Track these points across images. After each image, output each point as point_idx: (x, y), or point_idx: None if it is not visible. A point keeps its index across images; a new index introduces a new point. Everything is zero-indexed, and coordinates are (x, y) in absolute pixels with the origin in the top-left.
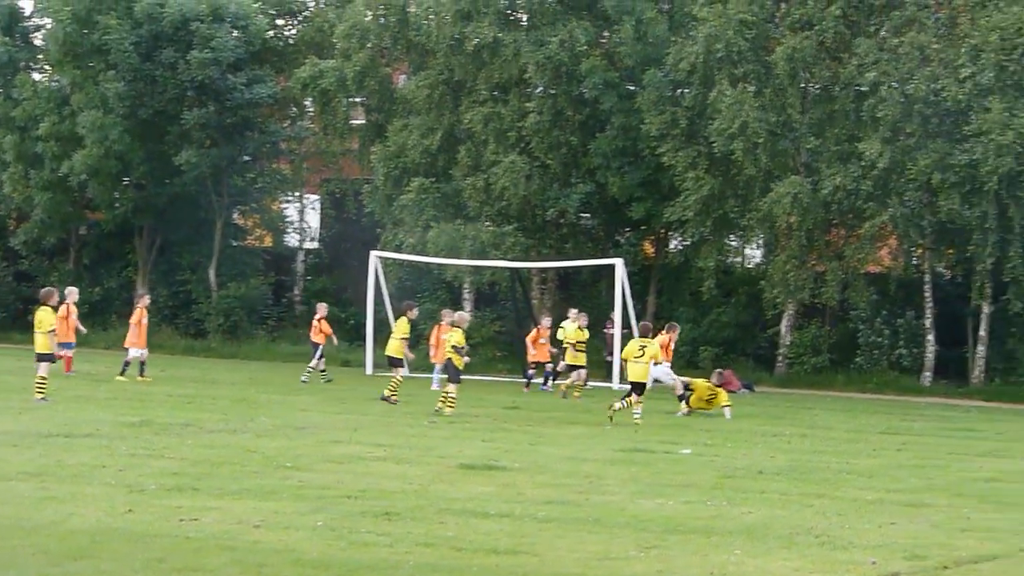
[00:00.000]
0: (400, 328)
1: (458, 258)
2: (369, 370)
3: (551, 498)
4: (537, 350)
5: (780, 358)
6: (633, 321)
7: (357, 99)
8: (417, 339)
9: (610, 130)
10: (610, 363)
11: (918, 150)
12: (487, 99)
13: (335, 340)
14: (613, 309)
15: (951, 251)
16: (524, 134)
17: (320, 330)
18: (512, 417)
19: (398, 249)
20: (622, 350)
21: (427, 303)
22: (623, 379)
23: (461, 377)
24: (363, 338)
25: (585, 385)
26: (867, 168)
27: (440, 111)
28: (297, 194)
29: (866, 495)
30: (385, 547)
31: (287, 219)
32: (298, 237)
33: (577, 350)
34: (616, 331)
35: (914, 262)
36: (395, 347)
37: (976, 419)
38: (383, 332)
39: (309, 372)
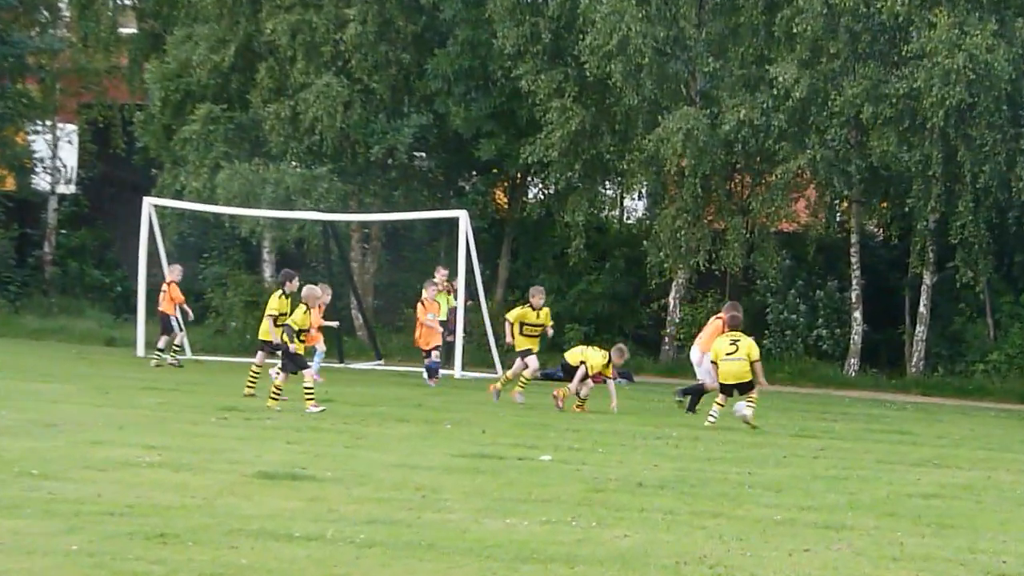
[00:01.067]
0: (271, 305)
1: (256, 207)
2: (140, 351)
3: (373, 516)
4: (420, 332)
5: (667, 339)
6: (481, 290)
7: (126, 1)
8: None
9: (453, 46)
10: (451, 343)
11: (844, 76)
12: (294, 4)
13: (190, 313)
14: (456, 275)
15: (885, 205)
16: (342, 49)
17: (170, 297)
18: (325, 412)
19: (179, 196)
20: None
21: (216, 265)
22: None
23: (306, 362)
24: (132, 309)
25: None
26: (780, 98)
27: (234, 18)
28: (48, 123)
29: (773, 514)
30: None
31: (35, 155)
32: (49, 179)
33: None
34: (459, 302)
35: (838, 219)
36: (265, 328)
37: (912, 419)
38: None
39: (159, 353)
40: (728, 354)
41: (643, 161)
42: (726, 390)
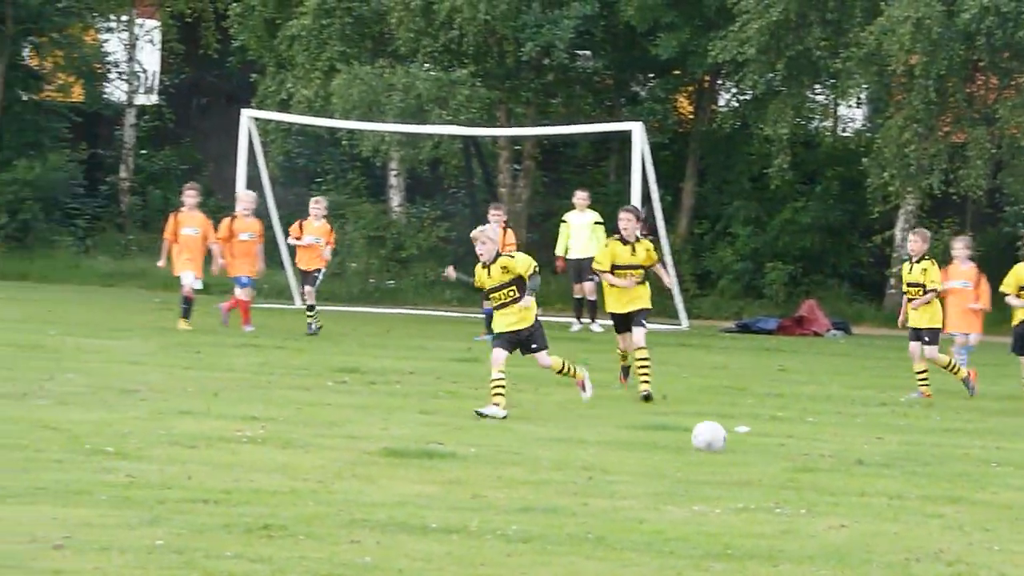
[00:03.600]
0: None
1: (381, 121)
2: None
3: (528, 503)
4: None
5: (893, 281)
6: (660, 220)
7: None
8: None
9: None
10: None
11: None
12: None
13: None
14: (628, 201)
15: None
16: None
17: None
18: (467, 375)
19: (286, 107)
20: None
21: (332, 192)
22: None
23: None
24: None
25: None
26: None
27: None
28: (125, 19)
29: None
30: None
31: (108, 59)
32: (126, 87)
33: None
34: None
35: None
36: None
37: None
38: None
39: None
40: None
41: (862, 59)
42: None
